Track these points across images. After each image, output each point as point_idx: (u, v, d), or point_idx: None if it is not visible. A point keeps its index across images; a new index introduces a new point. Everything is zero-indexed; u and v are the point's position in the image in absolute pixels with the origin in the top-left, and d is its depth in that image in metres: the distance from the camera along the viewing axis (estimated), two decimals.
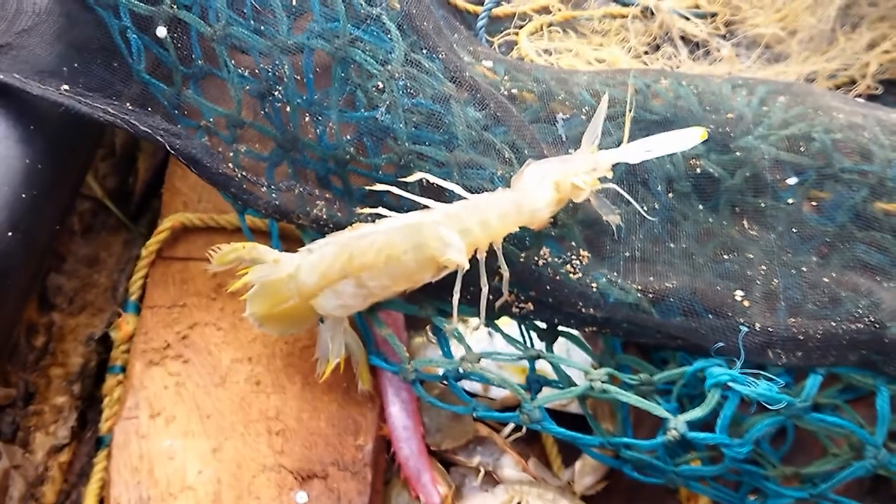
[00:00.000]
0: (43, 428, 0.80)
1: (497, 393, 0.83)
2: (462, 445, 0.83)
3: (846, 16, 1.04)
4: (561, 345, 0.78)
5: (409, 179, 0.72)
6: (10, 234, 0.70)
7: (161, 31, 0.77)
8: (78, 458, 0.80)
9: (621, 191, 0.71)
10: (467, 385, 0.79)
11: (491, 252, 0.70)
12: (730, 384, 0.66)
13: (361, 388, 0.79)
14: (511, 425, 0.84)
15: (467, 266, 0.69)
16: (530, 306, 0.74)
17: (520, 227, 0.71)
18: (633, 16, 1.08)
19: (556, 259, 0.73)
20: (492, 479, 0.83)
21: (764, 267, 0.74)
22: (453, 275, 0.70)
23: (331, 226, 0.75)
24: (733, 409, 0.66)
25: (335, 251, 0.71)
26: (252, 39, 0.75)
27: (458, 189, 0.70)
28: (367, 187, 0.75)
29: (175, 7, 0.76)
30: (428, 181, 0.72)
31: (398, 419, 0.81)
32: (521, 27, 1.08)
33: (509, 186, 0.71)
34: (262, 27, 0.76)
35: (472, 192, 0.71)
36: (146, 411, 0.79)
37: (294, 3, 0.76)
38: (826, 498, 0.69)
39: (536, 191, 0.69)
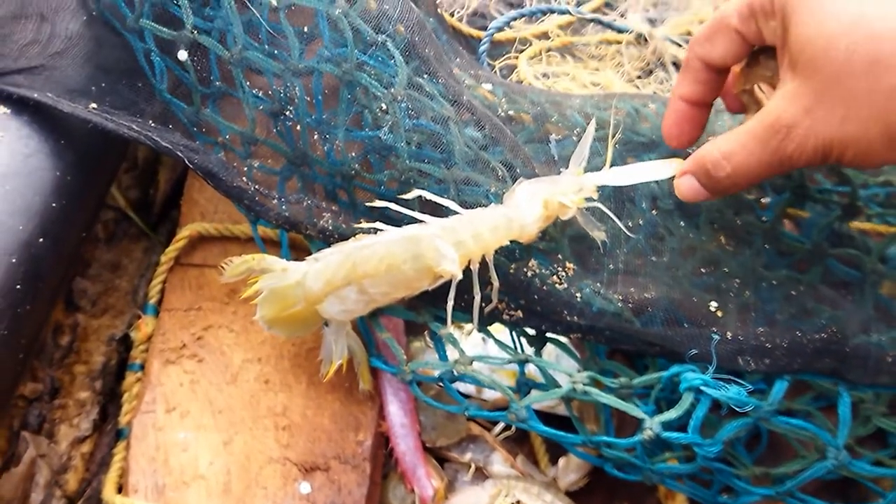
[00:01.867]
0: (67, 420, 0.86)
1: (489, 395, 0.88)
2: (455, 443, 0.88)
3: None
4: (551, 353, 0.84)
5: (408, 196, 0.77)
6: (41, 239, 0.76)
7: (182, 55, 0.82)
8: (99, 448, 0.86)
9: (605, 210, 0.76)
10: (461, 387, 0.84)
11: (483, 263, 0.75)
12: (702, 388, 0.70)
13: (362, 388, 0.84)
14: (501, 425, 0.89)
15: (461, 276, 0.74)
16: (520, 314, 0.79)
17: (510, 241, 0.76)
18: (627, 42, 1.13)
19: (543, 270, 0.78)
20: (482, 475, 0.87)
21: (738, 279, 0.79)
22: (449, 283, 0.75)
23: (336, 236, 0.80)
24: (705, 411, 0.70)
25: (339, 260, 0.76)
26: (266, 63, 0.80)
27: (452, 205, 0.75)
28: (368, 205, 0.80)
29: (195, 32, 0.81)
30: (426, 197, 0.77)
31: (396, 417, 0.86)
32: (522, 51, 1.12)
33: (502, 203, 0.76)
34: (276, 51, 0.81)
35: (468, 208, 0.76)
36: (163, 406, 0.84)
37: (305, 29, 0.81)
38: (791, 495, 0.74)
39: (526, 207, 0.74)
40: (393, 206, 0.76)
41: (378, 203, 0.77)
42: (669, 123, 0.75)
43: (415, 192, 0.76)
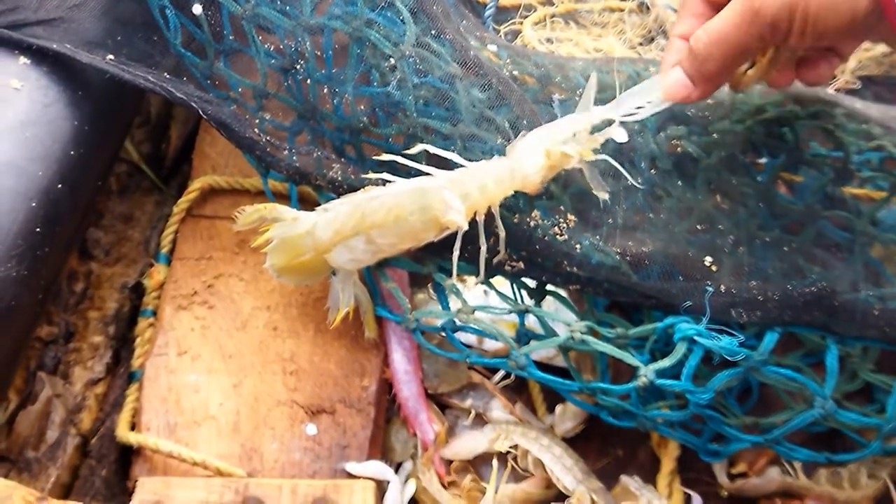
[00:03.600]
0: (81, 363, 0.88)
1: (490, 345, 0.90)
2: (456, 390, 0.90)
3: None
4: (550, 307, 0.86)
5: (412, 151, 0.79)
6: (59, 185, 0.79)
7: (197, 9, 0.84)
8: (112, 390, 0.88)
9: (612, 161, 0.77)
10: (463, 337, 0.86)
11: (489, 214, 0.77)
12: (695, 338, 0.73)
13: (367, 336, 0.87)
14: (501, 373, 0.92)
15: (466, 227, 0.76)
16: (521, 265, 0.81)
17: (515, 192, 0.78)
18: (629, 10, 1.15)
19: (545, 221, 0.80)
20: (482, 421, 0.89)
21: (732, 237, 0.81)
22: (454, 235, 0.77)
23: (345, 187, 0.82)
24: (698, 360, 0.73)
25: (349, 210, 0.78)
26: (278, 19, 0.83)
27: (457, 158, 0.78)
28: (376, 157, 0.82)
29: None
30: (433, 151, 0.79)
31: (400, 364, 0.88)
32: (526, 17, 1.15)
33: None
34: (288, 8, 0.83)
35: (473, 163, 0.78)
36: (174, 349, 0.87)
37: None
38: (778, 442, 0.77)
39: (528, 158, 0.76)
40: (400, 159, 0.78)
41: (386, 157, 0.80)
42: (670, 62, 0.77)
43: (419, 147, 0.78)
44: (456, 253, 0.78)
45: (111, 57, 0.84)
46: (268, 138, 0.84)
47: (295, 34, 0.83)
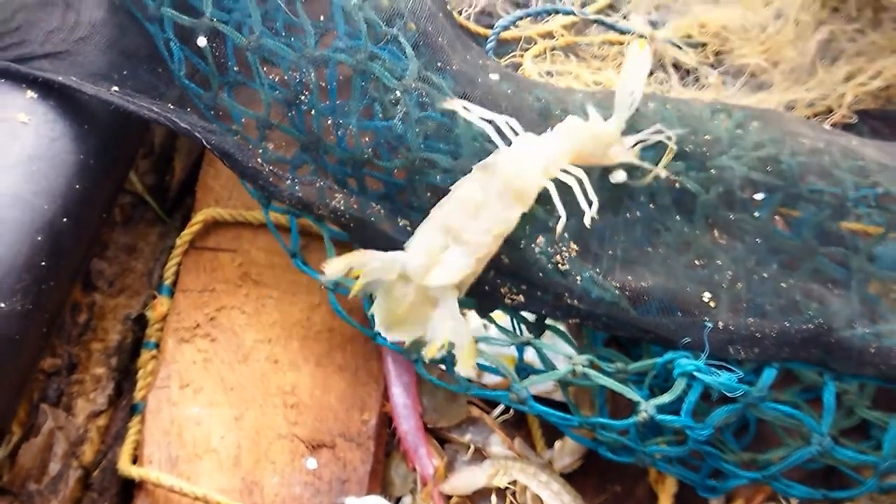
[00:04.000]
0: (84, 395, 0.89)
1: (489, 380, 0.90)
2: (455, 424, 0.91)
3: (826, 50, 1.11)
4: (549, 341, 0.87)
5: (471, 117, 0.80)
6: (64, 219, 0.79)
7: (201, 41, 0.85)
8: (114, 422, 0.89)
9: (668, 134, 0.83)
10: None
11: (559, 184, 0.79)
12: (695, 374, 0.74)
13: (459, 371, 0.77)
14: (500, 408, 0.92)
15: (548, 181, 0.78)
16: (521, 298, 0.81)
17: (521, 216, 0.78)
18: (629, 43, 1.16)
19: (549, 248, 0.81)
20: (480, 455, 0.90)
21: (730, 272, 0.82)
22: None
23: (347, 216, 0.83)
24: (697, 395, 0.74)
25: (432, 225, 0.77)
26: (282, 50, 0.84)
27: (517, 126, 0.80)
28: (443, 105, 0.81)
29: (214, 20, 0.85)
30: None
31: (399, 398, 0.89)
32: (527, 50, 1.15)
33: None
34: (292, 40, 0.85)
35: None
36: (177, 382, 0.87)
37: (321, 22, 0.85)
38: (776, 479, 0.77)
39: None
40: (465, 103, 0.80)
41: (450, 103, 0.80)
42: None
43: (477, 111, 0.80)
44: (558, 203, 0.78)
45: (116, 88, 0.85)
46: (271, 168, 0.85)
47: (299, 66, 0.84)
